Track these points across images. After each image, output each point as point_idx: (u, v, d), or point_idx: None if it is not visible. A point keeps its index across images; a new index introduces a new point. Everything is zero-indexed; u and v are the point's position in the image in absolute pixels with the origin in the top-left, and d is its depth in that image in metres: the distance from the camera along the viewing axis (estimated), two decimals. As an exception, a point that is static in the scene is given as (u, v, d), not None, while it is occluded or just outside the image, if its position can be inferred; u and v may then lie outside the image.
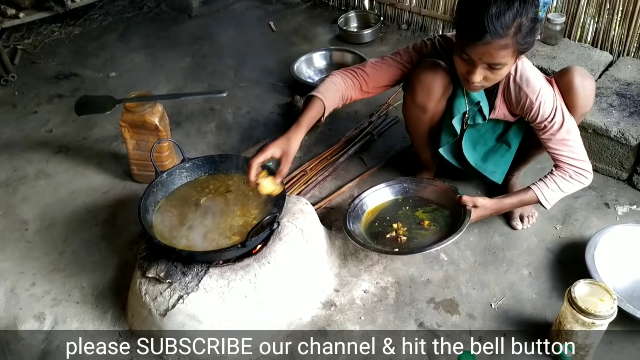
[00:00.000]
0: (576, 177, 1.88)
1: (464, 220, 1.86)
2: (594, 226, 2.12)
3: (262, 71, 3.18)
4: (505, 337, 1.75)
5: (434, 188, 2.08)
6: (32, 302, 1.94)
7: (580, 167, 1.88)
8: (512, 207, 2.00)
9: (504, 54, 1.64)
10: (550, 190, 1.89)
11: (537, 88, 1.82)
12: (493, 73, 1.71)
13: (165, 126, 2.28)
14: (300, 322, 1.82)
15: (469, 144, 2.08)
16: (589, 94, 1.88)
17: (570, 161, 1.87)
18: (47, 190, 2.42)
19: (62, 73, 3.25)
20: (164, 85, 3.11)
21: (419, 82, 1.92)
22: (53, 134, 2.77)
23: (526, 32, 1.63)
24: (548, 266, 1.99)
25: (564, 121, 1.84)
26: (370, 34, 3.38)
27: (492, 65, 1.67)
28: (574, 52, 2.68)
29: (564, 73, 1.89)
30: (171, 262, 1.72)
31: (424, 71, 1.91)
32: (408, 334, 1.79)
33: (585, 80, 1.86)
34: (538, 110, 1.83)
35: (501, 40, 1.60)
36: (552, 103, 1.83)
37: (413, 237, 1.91)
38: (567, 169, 1.88)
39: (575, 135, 1.87)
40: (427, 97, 1.94)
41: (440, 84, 1.91)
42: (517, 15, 1.59)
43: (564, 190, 1.89)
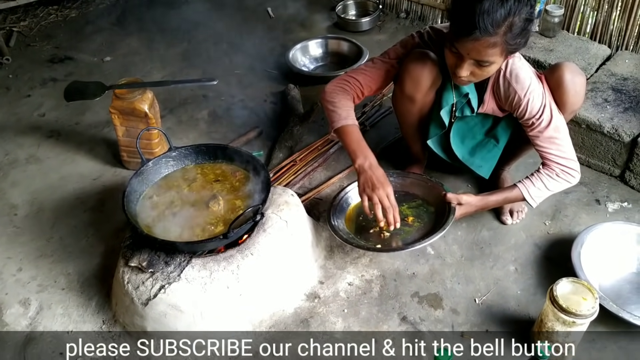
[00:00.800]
0: (563, 175, 1.86)
1: (447, 218, 1.85)
2: (584, 223, 2.10)
3: (257, 58, 3.16)
4: (487, 334, 1.76)
5: (420, 183, 2.06)
6: (18, 287, 1.95)
7: (567, 165, 1.86)
8: (497, 205, 1.99)
9: (492, 52, 1.62)
10: (536, 189, 1.87)
11: (526, 84, 1.79)
12: (480, 69, 1.69)
13: (155, 113, 2.27)
14: (283, 314, 1.82)
15: (457, 137, 2.06)
16: (579, 91, 1.86)
17: (557, 159, 1.85)
18: (38, 175, 2.42)
19: (57, 56, 3.24)
20: (159, 70, 3.09)
21: (408, 72, 1.90)
22: (45, 118, 2.76)
23: (517, 32, 1.59)
24: (535, 262, 1.98)
25: (552, 119, 1.81)
26: (369, 22, 3.34)
27: (479, 61, 1.65)
28: (571, 45, 2.64)
29: (554, 69, 1.86)
30: (154, 252, 1.72)
31: (413, 62, 1.89)
32: (390, 327, 1.79)
33: (575, 76, 1.83)
34: (526, 107, 1.81)
35: (490, 38, 1.57)
36: (540, 100, 1.80)
37: (397, 232, 1.89)
38: (554, 167, 1.86)
39: (564, 134, 1.85)
40: (416, 88, 1.92)
41: (428, 75, 1.88)
42: (509, 14, 1.55)
43: (550, 188, 1.88)
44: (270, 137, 2.57)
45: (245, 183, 1.88)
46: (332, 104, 1.90)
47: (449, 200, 1.88)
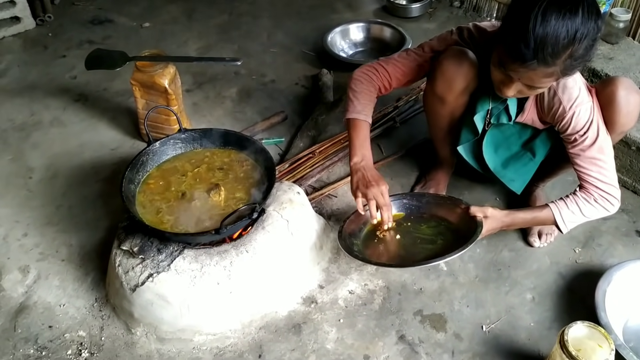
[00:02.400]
0: (601, 201, 1.68)
1: (475, 231, 1.68)
2: (619, 255, 1.92)
3: (296, 37, 3.04)
4: (489, 366, 1.62)
5: (438, 202, 1.91)
6: (21, 253, 1.95)
7: (608, 191, 1.67)
8: (525, 224, 1.83)
9: (547, 80, 1.48)
10: (570, 212, 1.70)
11: (574, 96, 1.61)
12: (530, 90, 1.55)
13: (175, 89, 2.19)
14: (276, 316, 1.74)
15: (491, 146, 1.89)
16: (632, 110, 1.66)
17: (597, 183, 1.66)
18: (58, 139, 2.41)
19: (98, 18, 3.22)
20: (195, 42, 3.02)
21: (441, 71, 1.75)
22: (76, 81, 2.75)
23: (579, 56, 1.42)
24: (555, 293, 1.81)
25: (598, 137, 1.63)
26: (419, 9, 3.16)
27: (530, 86, 1.50)
28: (635, 54, 2.39)
29: (606, 83, 1.66)
30: (147, 237, 1.66)
31: (448, 59, 1.73)
32: (386, 345, 1.68)
33: (630, 94, 1.64)
34: (570, 121, 1.63)
35: (548, 68, 1.41)
36: (588, 115, 1.62)
37: (418, 252, 1.74)
38: (592, 192, 1.68)
39: (609, 156, 1.66)
40: (448, 88, 1.77)
41: (464, 76, 1.72)
42: (573, 41, 1.37)
43: (586, 214, 1.70)
44: (295, 123, 2.47)
45: (251, 174, 1.79)
46: (354, 92, 1.80)
47: (474, 213, 1.73)
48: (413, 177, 2.21)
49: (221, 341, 1.68)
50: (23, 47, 2.97)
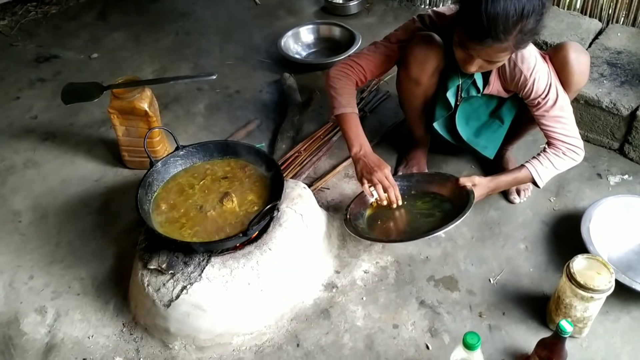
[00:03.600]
0: (569, 153, 1.90)
1: (468, 199, 1.84)
2: (587, 197, 2.15)
3: (248, 47, 3.13)
4: (505, 312, 1.79)
5: (427, 179, 2.07)
6: (32, 295, 1.93)
7: (573, 144, 1.89)
8: (508, 186, 2.02)
9: (503, 55, 1.66)
10: (544, 168, 1.90)
11: (531, 64, 1.81)
12: (489, 65, 1.73)
13: (154, 111, 2.24)
14: (303, 305, 1.83)
15: (462, 119, 2.08)
16: (584, 70, 1.89)
17: (563, 138, 1.88)
18: (37, 179, 2.38)
19: (42, 55, 3.16)
20: (149, 65, 3.04)
21: (413, 56, 1.91)
22: (38, 120, 2.71)
23: (529, 30, 1.60)
24: (544, 239, 2.02)
25: (558, 98, 1.84)
26: (356, 6, 3.33)
27: (489, 61, 1.69)
28: (563, 20, 2.67)
29: (558, 49, 1.88)
30: (172, 253, 1.71)
31: (418, 45, 1.90)
32: (410, 312, 1.82)
33: (580, 55, 1.86)
34: (532, 87, 1.83)
35: (502, 44, 1.59)
36: (546, 79, 1.83)
37: (421, 225, 1.86)
38: (560, 146, 1.89)
39: (569, 112, 1.88)
40: (421, 70, 1.93)
41: (434, 58, 1.89)
42: (522, 17, 1.55)
43: (557, 167, 1.91)
44: (269, 128, 2.56)
45: (256, 178, 1.88)
46: (335, 89, 1.93)
47: (463, 183, 1.90)
48: (393, 160, 2.36)
49: (258, 338, 1.76)
50: (-30, 95, 2.89)
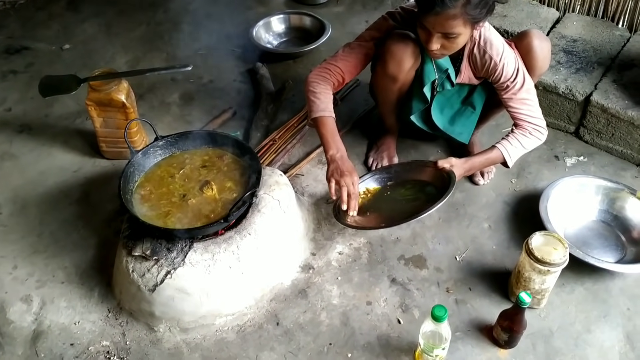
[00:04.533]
0: (535, 133, 2.01)
1: (450, 179, 1.92)
2: (546, 178, 2.29)
3: (219, 37, 3.17)
4: (470, 287, 1.93)
5: (405, 168, 2.16)
6: (17, 285, 1.98)
7: (537, 124, 2.01)
8: (481, 166, 2.13)
9: (454, 24, 1.74)
10: (513, 147, 2.01)
11: (500, 50, 1.93)
12: (450, 42, 1.81)
13: (132, 102, 2.29)
14: (282, 286, 1.93)
15: (437, 109, 2.18)
16: (546, 55, 2.02)
17: (529, 119, 2.00)
18: (15, 171, 2.41)
19: (13, 47, 3.15)
20: (122, 56, 3.07)
21: (390, 53, 1.98)
22: (12, 112, 2.72)
23: (476, 3, 1.71)
24: (506, 218, 2.16)
25: (525, 81, 1.96)
26: (326, -5, 3.40)
27: (446, 34, 1.77)
28: (523, 9, 2.79)
29: (522, 37, 2.01)
30: (155, 240, 1.79)
31: (395, 42, 1.97)
32: (382, 289, 1.93)
33: (542, 42, 2.00)
34: (502, 71, 1.94)
35: (450, 11, 1.69)
36: (514, 64, 1.95)
37: (409, 209, 1.91)
38: (526, 127, 2.00)
39: (534, 95, 2.01)
40: (398, 67, 2.01)
41: (410, 55, 1.98)
42: None
43: (525, 146, 2.02)
44: (244, 117, 2.63)
45: (234, 166, 1.96)
46: (313, 94, 1.98)
47: (441, 165, 1.99)
48: (364, 146, 2.47)
49: (240, 319, 1.85)
50: (-59, 89, 2.88)
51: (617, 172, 2.30)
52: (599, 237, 2.05)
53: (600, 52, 2.50)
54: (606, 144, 2.37)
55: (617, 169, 2.31)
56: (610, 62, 2.45)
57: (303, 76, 2.83)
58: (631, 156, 2.32)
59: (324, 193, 2.24)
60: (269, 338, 1.81)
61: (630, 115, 2.22)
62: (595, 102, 2.29)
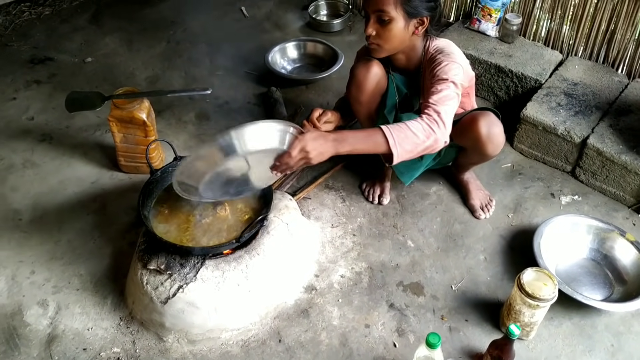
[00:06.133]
0: (429, 121, 1.76)
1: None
2: (541, 214, 2.40)
3: (236, 59, 3.30)
4: (464, 316, 2.03)
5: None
6: (34, 289, 2.09)
7: (436, 118, 1.77)
8: (356, 144, 1.75)
9: (385, 2, 1.85)
10: (398, 129, 1.74)
11: (452, 56, 1.96)
12: (383, 28, 1.91)
13: (152, 121, 2.41)
14: (286, 305, 2.04)
15: None
16: (495, 143, 2.08)
17: (430, 110, 1.80)
18: (36, 179, 2.52)
19: (37, 57, 3.29)
20: (142, 72, 3.20)
21: (352, 77, 2.16)
22: (35, 121, 2.84)
23: None
24: (501, 252, 2.26)
25: (453, 85, 1.86)
26: (340, 24, 3.53)
27: (380, 15, 1.88)
28: (528, 50, 2.92)
29: (471, 121, 2.05)
30: (170, 255, 1.90)
31: (357, 67, 2.15)
32: (380, 314, 2.04)
33: (491, 128, 2.04)
34: (441, 66, 1.91)
35: None
36: (454, 74, 1.89)
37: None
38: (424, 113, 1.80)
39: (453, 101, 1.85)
40: (358, 91, 2.15)
41: (371, 78, 2.11)
42: None
43: (413, 131, 1.73)
44: (256, 139, 2.75)
45: (247, 189, 2.08)
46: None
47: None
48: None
49: (245, 334, 1.96)
50: (-33, 94, 3.01)
51: (610, 212, 2.41)
52: (589, 274, 2.16)
53: (599, 97, 2.63)
54: (600, 185, 2.48)
55: (610, 210, 2.42)
56: (608, 106, 2.58)
57: (314, 102, 2.98)
58: (623, 198, 2.43)
59: (329, 217, 2.36)
60: (271, 354, 1.91)
61: (624, 160, 2.33)
62: (592, 145, 2.41)
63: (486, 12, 2.96)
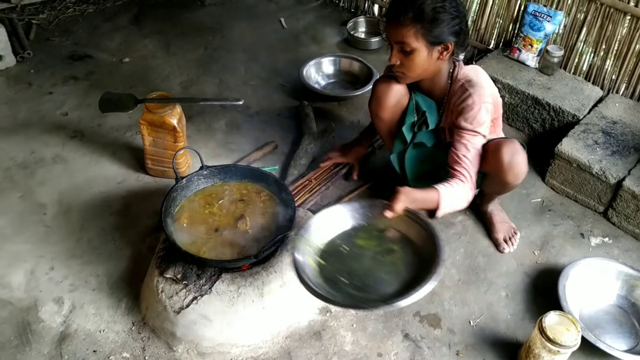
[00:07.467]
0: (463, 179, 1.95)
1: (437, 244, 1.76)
2: (569, 254, 2.33)
3: (271, 70, 3.31)
4: (480, 353, 1.97)
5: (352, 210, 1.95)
6: (51, 285, 2.10)
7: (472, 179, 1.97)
8: (420, 204, 1.88)
9: (406, 33, 1.84)
10: (449, 193, 1.90)
11: (483, 95, 1.95)
12: (407, 59, 1.92)
13: (182, 127, 2.42)
14: (299, 325, 2.01)
15: (413, 159, 2.24)
16: (517, 172, 2.01)
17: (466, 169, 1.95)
18: (64, 175, 2.55)
19: (77, 54, 3.34)
20: (177, 76, 3.22)
21: (374, 91, 2.18)
22: (68, 117, 2.88)
23: (430, 19, 1.82)
24: (524, 290, 2.20)
25: (480, 135, 1.97)
26: (378, 42, 3.51)
27: (402, 46, 1.88)
28: (568, 84, 2.85)
29: (496, 149, 1.99)
30: (187, 265, 1.89)
31: (379, 82, 2.17)
32: (394, 343, 1.99)
33: (515, 156, 1.98)
34: (471, 113, 1.93)
35: (402, 19, 1.83)
36: (485, 117, 1.95)
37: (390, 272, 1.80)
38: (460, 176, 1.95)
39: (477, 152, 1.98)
40: (378, 105, 2.16)
41: (392, 95, 2.12)
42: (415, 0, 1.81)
43: (460, 196, 1.93)
44: (284, 153, 2.74)
45: (270, 204, 2.06)
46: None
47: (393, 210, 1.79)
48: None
49: (255, 351, 1.93)
50: (7, 85, 3.06)
51: (641, 258, 2.33)
52: (614, 322, 2.08)
53: (638, 137, 2.54)
54: (633, 229, 2.39)
55: (641, 256, 2.34)
56: (648, 148, 2.50)
57: (345, 119, 2.96)
58: (657, 245, 2.35)
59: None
60: (279, 374, 1.89)
61: (661, 206, 2.25)
62: (627, 187, 2.33)
63: (527, 42, 2.90)
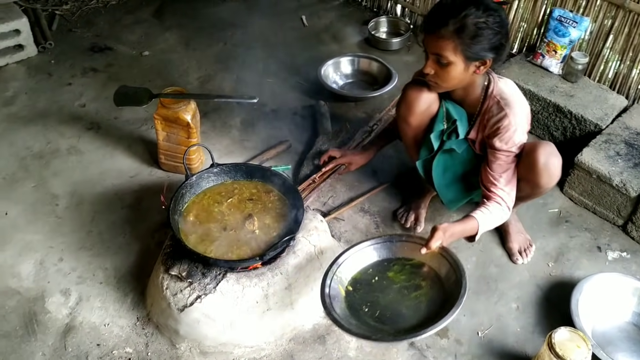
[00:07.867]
0: (500, 201, 1.96)
1: (461, 288, 1.74)
2: (584, 268, 2.26)
3: (289, 67, 3.28)
4: (486, 366, 1.93)
5: (408, 244, 1.93)
6: (59, 277, 2.12)
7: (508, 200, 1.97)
8: (458, 236, 1.90)
9: (444, 46, 1.80)
10: (486, 219, 1.91)
11: (518, 115, 1.91)
12: (442, 70, 1.86)
13: (196, 123, 2.41)
14: (303, 328, 1.99)
15: (440, 166, 2.17)
16: (553, 173, 1.95)
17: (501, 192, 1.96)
18: (78, 167, 2.57)
19: (98, 45, 3.36)
20: (195, 71, 3.22)
21: (403, 96, 2.10)
22: (86, 109, 2.90)
23: (471, 35, 1.77)
24: (535, 302, 2.14)
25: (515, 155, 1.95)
26: (399, 43, 3.46)
27: (438, 57, 1.83)
28: (591, 92, 2.77)
29: (530, 150, 1.95)
30: (193, 263, 1.88)
31: (410, 87, 2.09)
32: (399, 351, 1.96)
33: (550, 158, 1.93)
34: (506, 136, 1.91)
35: (442, 31, 1.78)
36: (520, 137, 1.93)
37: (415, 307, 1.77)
38: (497, 199, 1.95)
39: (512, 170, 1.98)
40: (408, 111, 2.09)
41: (422, 101, 2.05)
42: (458, 13, 1.75)
43: (495, 220, 1.95)
44: (297, 152, 2.72)
45: (279, 204, 2.04)
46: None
47: (430, 248, 1.79)
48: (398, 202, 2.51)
49: (257, 352, 1.92)
50: (28, 74, 3.09)
51: (660, 275, 2.26)
52: (628, 340, 2.01)
53: (662, 150, 2.47)
54: (653, 245, 2.32)
55: (660, 272, 2.27)
56: (672, 162, 2.41)
57: (361, 120, 2.92)
58: (677, 262, 2.27)
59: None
60: (281, 377, 1.87)
61: (683, 222, 2.18)
62: (648, 202, 2.26)
63: (551, 48, 2.83)
